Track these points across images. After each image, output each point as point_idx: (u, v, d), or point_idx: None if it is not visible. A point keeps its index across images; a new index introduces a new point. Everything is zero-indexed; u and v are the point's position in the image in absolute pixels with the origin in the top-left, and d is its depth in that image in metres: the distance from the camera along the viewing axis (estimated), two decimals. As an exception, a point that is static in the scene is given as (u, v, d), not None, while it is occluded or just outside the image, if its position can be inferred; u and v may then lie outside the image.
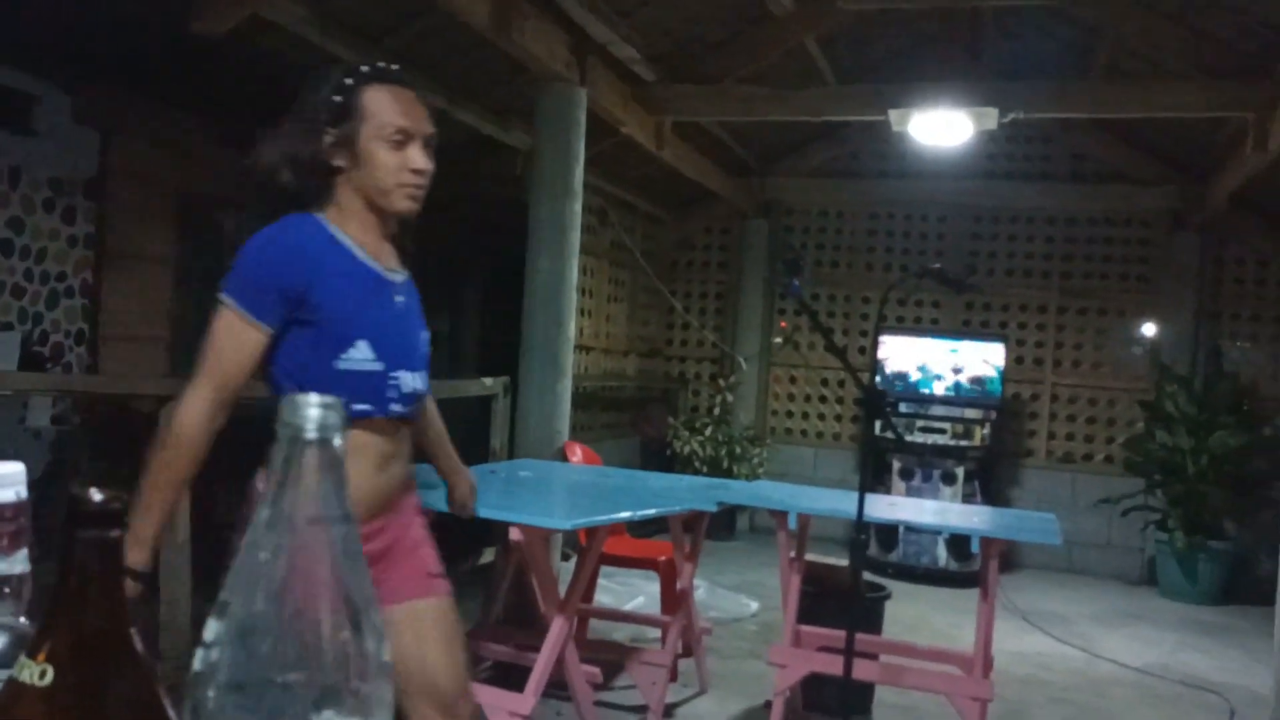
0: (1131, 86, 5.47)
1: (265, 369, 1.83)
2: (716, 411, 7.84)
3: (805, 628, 3.66)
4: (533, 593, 3.71)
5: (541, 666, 3.13)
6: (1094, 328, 7.63)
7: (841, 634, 2.96)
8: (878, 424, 6.51)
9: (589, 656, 3.62)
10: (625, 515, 3.33)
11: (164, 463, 1.74)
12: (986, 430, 7.07)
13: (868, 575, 5.28)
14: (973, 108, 5.43)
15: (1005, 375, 7.20)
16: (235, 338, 1.78)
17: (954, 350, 7.23)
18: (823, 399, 8.15)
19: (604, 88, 5.24)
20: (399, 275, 1.95)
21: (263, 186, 1.85)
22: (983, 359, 7.17)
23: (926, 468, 6.95)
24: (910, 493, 6.84)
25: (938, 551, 6.68)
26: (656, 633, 4.27)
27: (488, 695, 3.10)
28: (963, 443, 7.03)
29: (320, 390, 1.63)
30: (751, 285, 8.18)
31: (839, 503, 3.85)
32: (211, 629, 0.57)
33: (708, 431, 7.56)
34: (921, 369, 7.24)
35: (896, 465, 7.00)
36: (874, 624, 4.01)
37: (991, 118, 5.46)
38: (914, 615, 5.60)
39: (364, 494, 1.81)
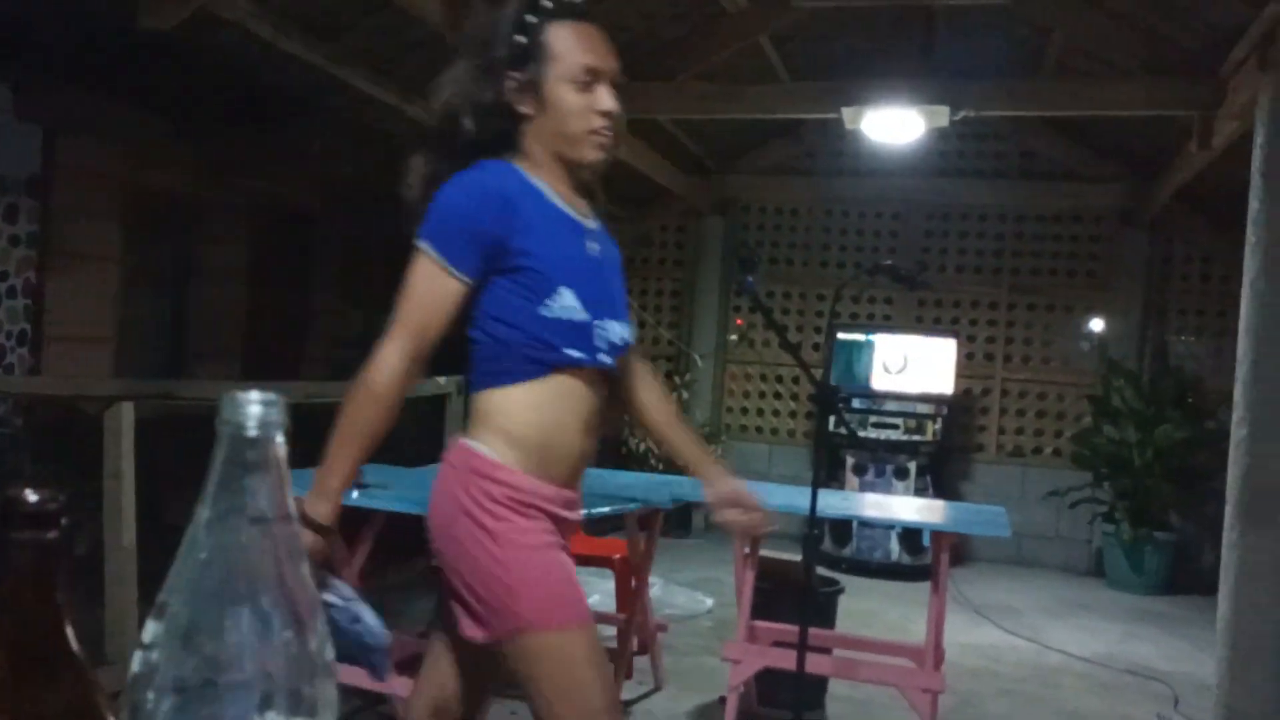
0: (1079, 85, 5.56)
1: (471, 320, 1.75)
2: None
3: (759, 623, 3.69)
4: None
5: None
6: (1043, 323, 7.75)
7: (795, 629, 2.98)
8: (831, 420, 6.60)
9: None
10: (580, 513, 3.32)
11: (354, 416, 1.66)
12: (938, 425, 7.16)
13: (821, 570, 5.33)
14: (925, 106, 5.48)
15: (957, 371, 7.29)
16: (432, 287, 1.69)
17: (907, 347, 7.30)
18: (778, 396, 8.20)
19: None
20: (593, 223, 1.87)
21: (443, 134, 1.76)
22: (935, 355, 7.25)
23: (880, 463, 7.02)
24: (864, 488, 6.91)
25: (890, 546, 6.76)
26: (612, 630, 4.27)
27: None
28: (915, 438, 7.11)
29: (529, 339, 1.67)
30: (708, 283, 8.21)
31: (793, 499, 3.87)
32: (150, 630, 0.56)
33: (666, 429, 7.56)
34: (873, 365, 7.31)
35: (850, 461, 7.07)
36: (827, 618, 4.05)
37: (943, 115, 5.53)
38: (867, 609, 5.66)
39: (568, 453, 1.78)
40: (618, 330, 1.83)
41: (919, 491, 6.91)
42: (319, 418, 1.67)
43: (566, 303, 1.73)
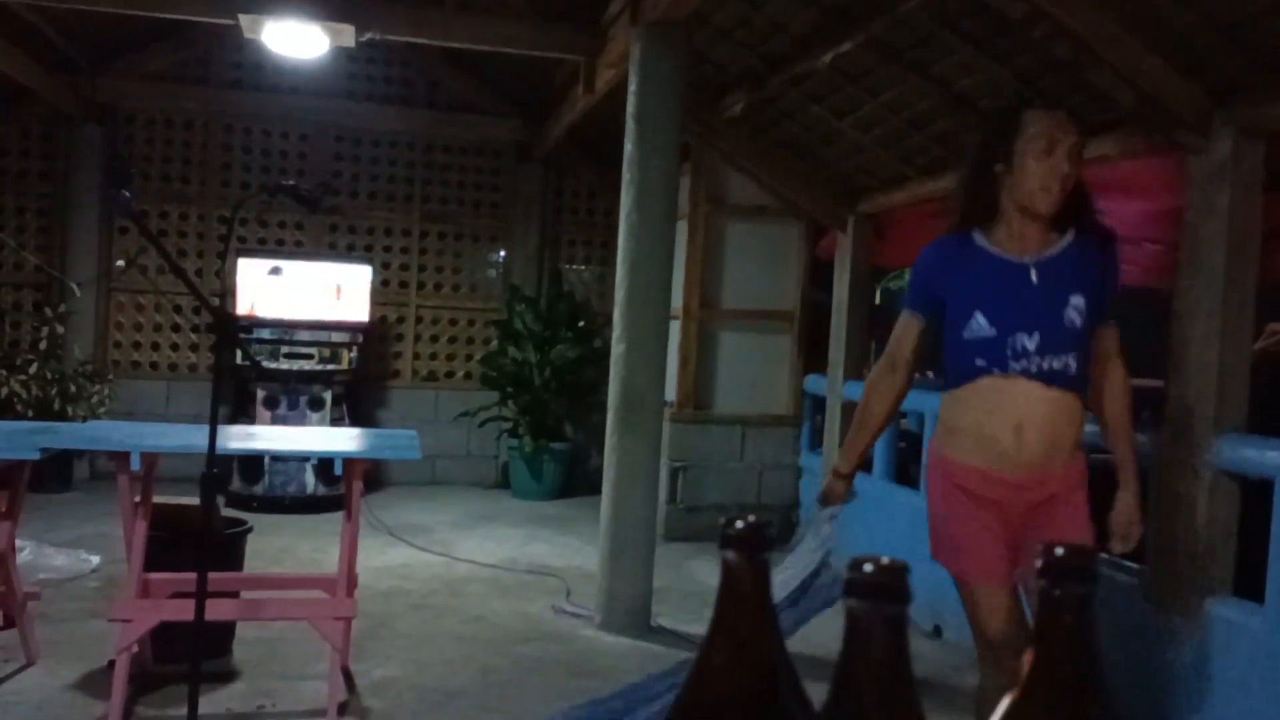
0: (477, 20, 5.72)
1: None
2: (43, 345, 6.79)
3: (155, 576, 3.33)
4: None
5: None
6: (452, 251, 8.01)
7: (194, 577, 2.73)
8: (239, 354, 6.20)
9: None
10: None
11: (859, 408, 2.67)
12: (354, 353, 7.09)
13: (231, 511, 5.01)
14: (328, 22, 5.27)
15: (372, 298, 7.25)
16: (901, 324, 2.59)
17: (321, 274, 7.08)
18: (175, 328, 7.50)
19: None
20: (1036, 257, 2.42)
21: (950, 208, 2.58)
22: (350, 282, 7.13)
23: (293, 395, 6.77)
24: (276, 421, 6.63)
25: (305, 479, 6.59)
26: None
27: None
28: (330, 367, 6.97)
29: (951, 353, 2.61)
30: (84, 200, 7.17)
31: (191, 437, 3.54)
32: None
33: (32, 369, 6.54)
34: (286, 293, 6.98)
35: (261, 394, 6.72)
36: (234, 561, 3.80)
37: (349, 35, 5.36)
38: (281, 546, 5.46)
39: (974, 438, 2.45)
40: (1024, 341, 2.37)
41: (335, 421, 6.81)
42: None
43: (979, 324, 2.41)
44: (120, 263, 7.26)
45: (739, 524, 0.62)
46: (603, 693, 3.32)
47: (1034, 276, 2.41)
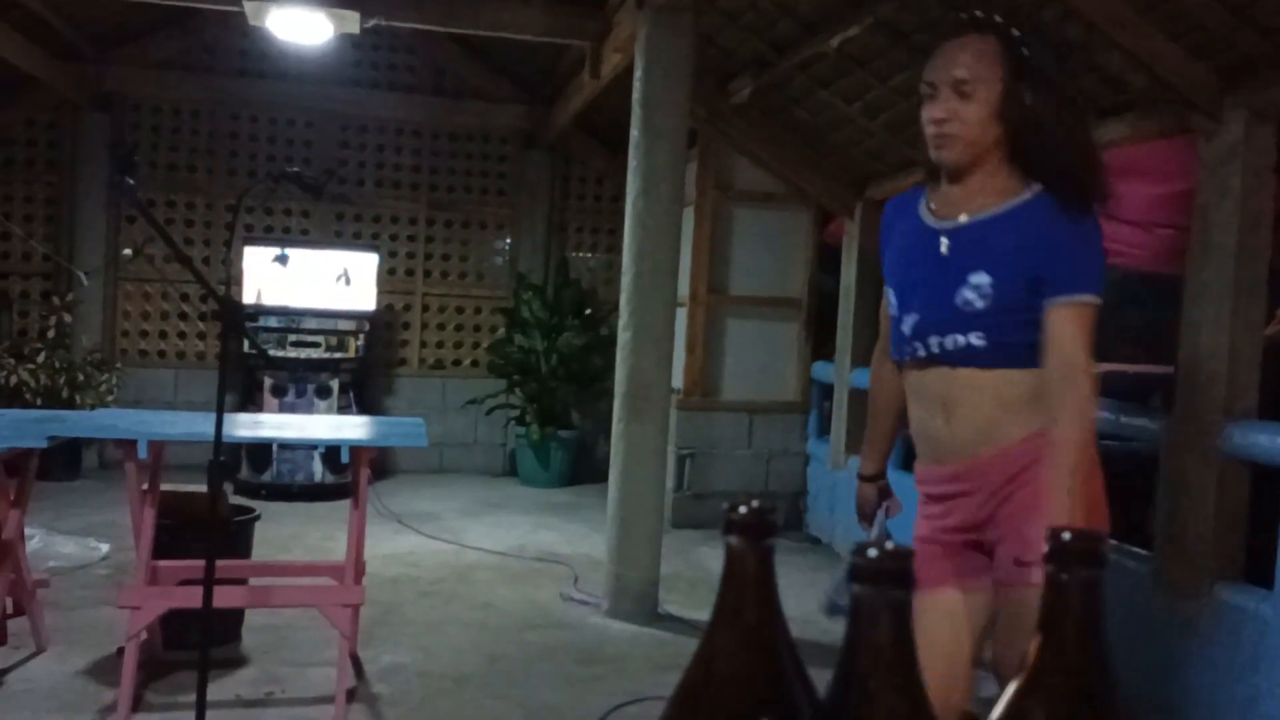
0: (483, 5, 5.69)
1: None
2: (51, 334, 6.81)
3: (163, 563, 3.35)
4: None
5: None
6: (460, 239, 7.99)
7: (203, 564, 2.73)
8: (246, 342, 6.21)
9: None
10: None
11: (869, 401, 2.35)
12: (361, 341, 7.09)
13: (239, 500, 5.03)
14: (333, 9, 5.25)
15: (379, 287, 7.25)
16: (883, 300, 2.15)
17: (328, 262, 7.08)
18: (183, 316, 7.50)
19: None
20: (954, 223, 1.97)
21: None
22: (357, 270, 7.13)
23: (300, 383, 6.78)
24: (284, 409, 6.64)
25: (313, 467, 6.60)
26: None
27: None
28: (337, 355, 6.97)
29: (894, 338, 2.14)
30: (91, 189, 7.17)
31: (198, 425, 3.54)
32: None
33: (41, 358, 6.55)
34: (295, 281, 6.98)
35: (269, 382, 6.73)
36: (242, 548, 3.81)
37: (353, 21, 5.34)
38: (289, 533, 5.48)
39: (916, 436, 2.09)
40: (909, 323, 2.00)
41: (343, 409, 6.81)
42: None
43: (892, 302, 2.07)
44: (127, 251, 7.26)
45: (742, 509, 0.61)
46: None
47: (944, 246, 1.98)
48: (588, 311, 7.57)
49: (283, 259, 6.74)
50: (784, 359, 6.40)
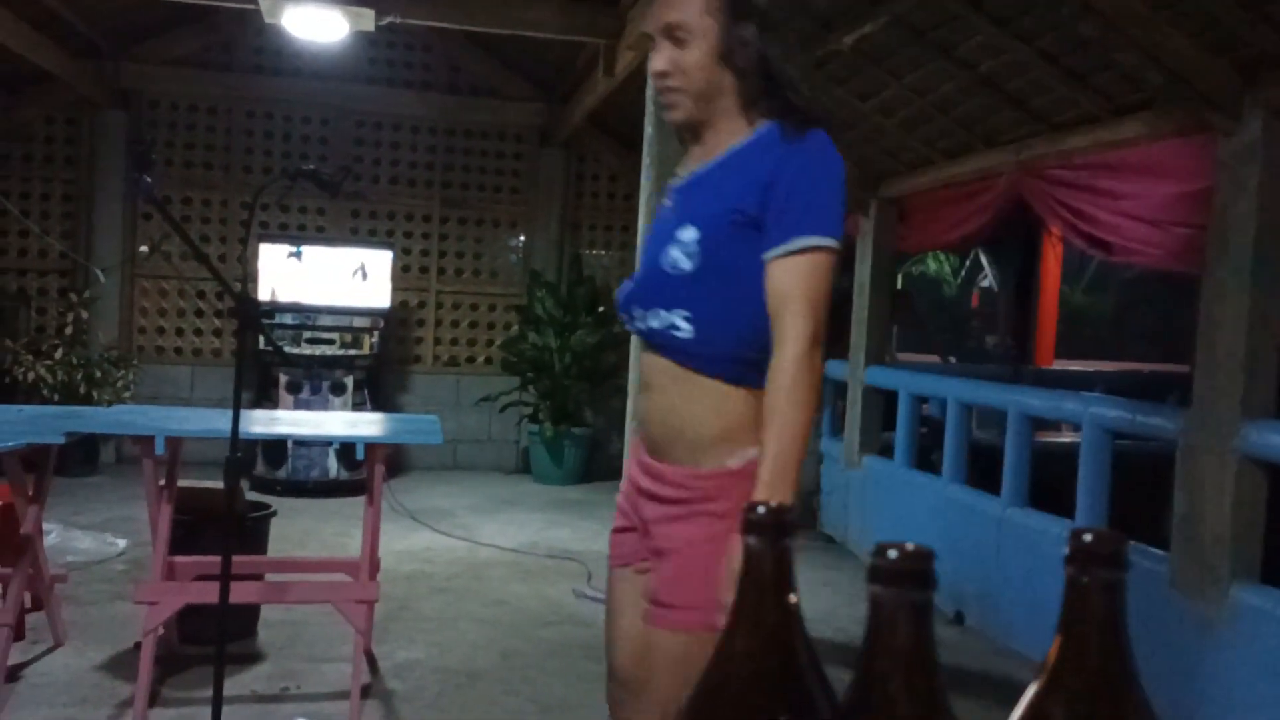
0: (498, 3, 5.70)
1: None
2: (69, 331, 6.86)
3: (180, 559, 3.37)
4: None
5: None
6: (473, 237, 8.01)
7: (219, 560, 2.74)
8: (262, 338, 6.23)
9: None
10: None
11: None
12: (375, 338, 7.12)
13: (255, 495, 5.05)
14: (348, 6, 5.26)
15: (393, 284, 7.27)
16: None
17: (343, 259, 7.10)
18: (199, 313, 7.54)
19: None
20: (685, 178, 1.75)
21: None
22: (372, 266, 7.15)
23: (315, 379, 6.81)
24: (299, 405, 6.67)
25: (328, 463, 6.62)
26: (-5, 589, 3.65)
27: None
28: (351, 352, 7.00)
29: None
30: (109, 186, 7.22)
31: (214, 422, 3.56)
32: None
33: (58, 354, 6.60)
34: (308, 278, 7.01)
35: (284, 379, 6.76)
36: (258, 544, 3.83)
37: (368, 19, 5.35)
38: (303, 530, 5.50)
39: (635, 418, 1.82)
40: (619, 294, 1.77)
41: (357, 406, 6.84)
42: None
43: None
44: (144, 248, 7.30)
45: (760, 509, 0.61)
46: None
47: (670, 206, 1.76)
48: (601, 309, 7.56)
49: (296, 254, 6.78)
50: (798, 357, 6.38)
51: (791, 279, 1.57)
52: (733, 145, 1.68)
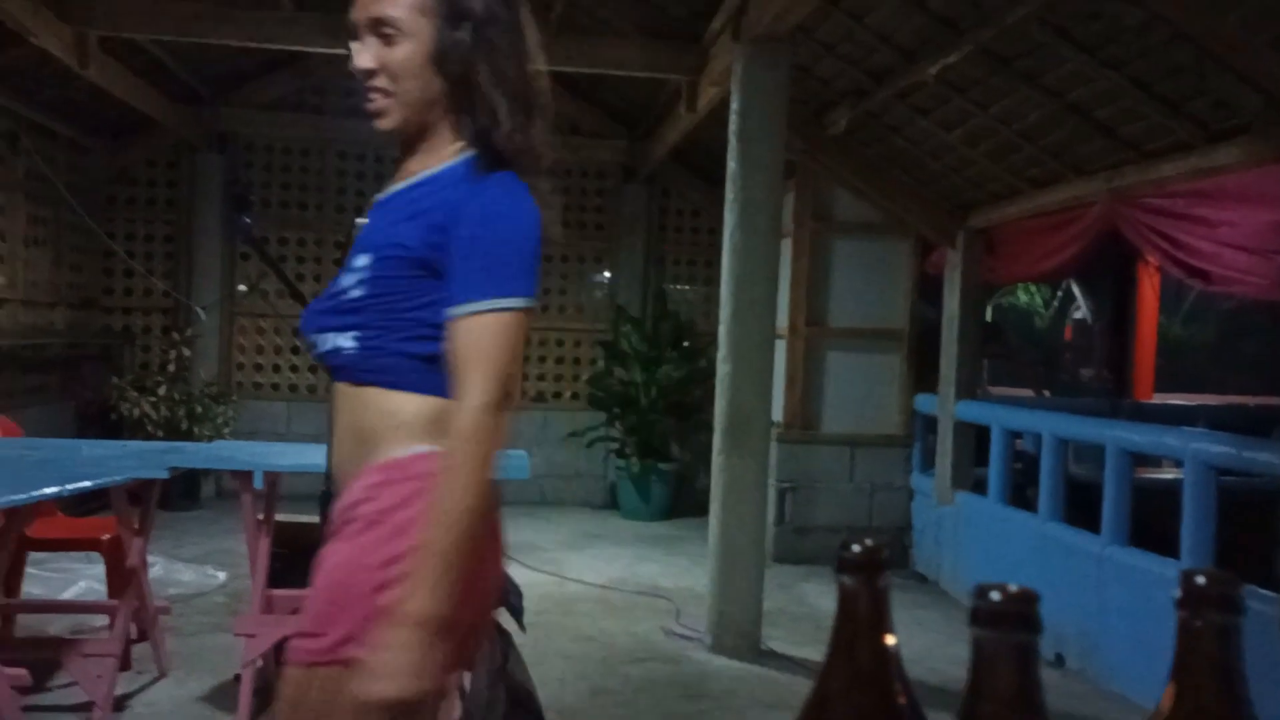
0: (580, 42, 5.80)
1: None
2: (171, 368, 7.12)
3: (277, 592, 3.45)
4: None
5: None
6: (559, 273, 8.10)
7: (311, 593, 2.81)
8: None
9: (12, 658, 3.10)
10: (51, 491, 2.87)
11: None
12: (461, 375, 7.21)
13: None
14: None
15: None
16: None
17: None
18: (295, 350, 7.77)
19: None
20: (382, 197, 1.58)
21: None
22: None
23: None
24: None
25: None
26: (104, 620, 3.79)
27: None
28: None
29: None
30: (208, 226, 7.50)
31: (310, 457, 3.65)
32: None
33: (161, 391, 6.85)
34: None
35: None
36: (351, 577, 3.89)
37: (455, 63, 5.48)
38: (395, 562, 5.58)
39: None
40: (302, 324, 1.58)
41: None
42: None
43: None
44: (242, 287, 7.57)
45: (855, 547, 0.60)
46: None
47: (363, 222, 1.64)
48: (686, 344, 7.57)
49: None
50: (885, 391, 6.30)
51: (472, 341, 1.43)
52: (429, 170, 1.54)
